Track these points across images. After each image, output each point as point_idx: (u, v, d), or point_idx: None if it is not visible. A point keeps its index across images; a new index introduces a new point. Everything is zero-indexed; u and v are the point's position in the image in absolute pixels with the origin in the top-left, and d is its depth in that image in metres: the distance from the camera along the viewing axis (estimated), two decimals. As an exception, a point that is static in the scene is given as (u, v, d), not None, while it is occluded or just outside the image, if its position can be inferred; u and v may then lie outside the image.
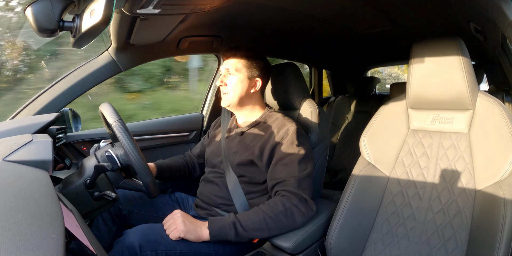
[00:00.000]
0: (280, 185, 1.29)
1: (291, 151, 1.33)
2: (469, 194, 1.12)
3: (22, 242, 0.40)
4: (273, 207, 1.24)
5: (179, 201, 1.62)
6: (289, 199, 1.25)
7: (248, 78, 1.47)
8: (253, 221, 1.22)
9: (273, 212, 1.22)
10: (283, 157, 1.33)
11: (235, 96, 1.46)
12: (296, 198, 1.25)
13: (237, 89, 1.46)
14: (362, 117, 2.97)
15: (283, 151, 1.33)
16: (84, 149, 1.72)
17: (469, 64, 1.14)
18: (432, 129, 1.27)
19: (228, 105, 1.50)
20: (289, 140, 1.35)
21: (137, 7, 1.12)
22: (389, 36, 2.16)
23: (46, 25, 0.74)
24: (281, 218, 1.22)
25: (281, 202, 1.24)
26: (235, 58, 1.47)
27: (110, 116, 1.14)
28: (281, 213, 1.22)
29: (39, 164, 0.76)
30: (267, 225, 1.21)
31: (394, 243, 1.22)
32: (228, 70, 1.47)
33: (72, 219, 0.68)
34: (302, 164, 1.31)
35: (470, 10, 1.43)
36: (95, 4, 0.74)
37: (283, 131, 1.38)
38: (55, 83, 1.52)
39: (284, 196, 1.26)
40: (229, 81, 1.47)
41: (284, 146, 1.34)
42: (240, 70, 1.46)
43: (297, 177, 1.28)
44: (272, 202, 1.26)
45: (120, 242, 1.15)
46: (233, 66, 1.47)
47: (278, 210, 1.22)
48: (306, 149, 1.35)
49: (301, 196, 1.26)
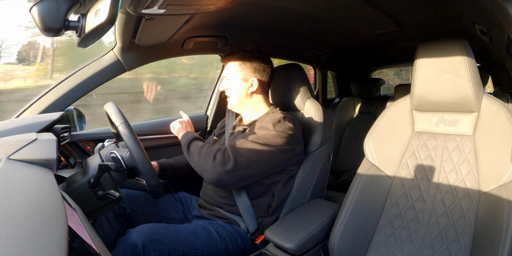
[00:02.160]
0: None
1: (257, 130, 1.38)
2: (473, 197, 1.12)
3: (25, 240, 0.40)
4: (212, 147, 1.33)
5: (183, 201, 1.62)
6: (222, 151, 1.29)
7: (243, 80, 1.50)
8: (195, 147, 1.35)
9: (207, 148, 1.32)
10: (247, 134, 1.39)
11: (234, 98, 1.52)
12: (223, 153, 1.29)
13: (235, 92, 1.51)
14: (366, 118, 2.96)
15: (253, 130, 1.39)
16: (88, 148, 1.73)
17: (474, 66, 1.14)
18: (436, 131, 1.26)
19: (231, 108, 1.56)
20: (265, 122, 1.39)
21: (142, 7, 1.12)
22: (394, 37, 2.16)
23: (51, 25, 0.75)
24: (203, 156, 1.31)
25: (217, 149, 1.31)
26: (230, 62, 1.52)
27: (116, 117, 1.14)
28: (207, 153, 1.30)
29: (44, 163, 0.76)
30: (194, 155, 1.34)
31: (397, 245, 1.21)
32: (225, 75, 1.53)
33: (76, 218, 0.68)
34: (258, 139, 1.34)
35: (475, 12, 1.43)
36: (100, 3, 0.74)
37: (268, 118, 1.42)
38: (60, 82, 1.53)
39: (222, 148, 1.32)
40: (227, 85, 1.52)
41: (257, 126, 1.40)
42: (234, 74, 1.50)
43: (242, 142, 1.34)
44: (216, 146, 1.36)
45: (123, 241, 1.16)
46: (228, 71, 1.52)
47: (210, 150, 1.31)
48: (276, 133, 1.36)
49: (228, 155, 1.28)
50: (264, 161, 1.32)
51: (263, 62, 1.53)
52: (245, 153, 1.29)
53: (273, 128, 1.35)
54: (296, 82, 1.65)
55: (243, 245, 1.36)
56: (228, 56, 1.52)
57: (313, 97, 1.67)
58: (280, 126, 1.37)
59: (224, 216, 1.42)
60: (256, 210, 1.40)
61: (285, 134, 1.36)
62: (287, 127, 1.38)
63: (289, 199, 1.47)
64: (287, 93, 1.67)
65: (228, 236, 1.34)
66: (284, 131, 1.36)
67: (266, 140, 1.32)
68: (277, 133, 1.34)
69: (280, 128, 1.36)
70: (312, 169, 1.52)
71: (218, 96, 2.23)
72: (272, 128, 1.35)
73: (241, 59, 1.50)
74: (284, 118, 1.41)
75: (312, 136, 1.54)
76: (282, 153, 1.36)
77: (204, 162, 1.28)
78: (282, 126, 1.37)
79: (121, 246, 1.14)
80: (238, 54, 1.51)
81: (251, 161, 1.29)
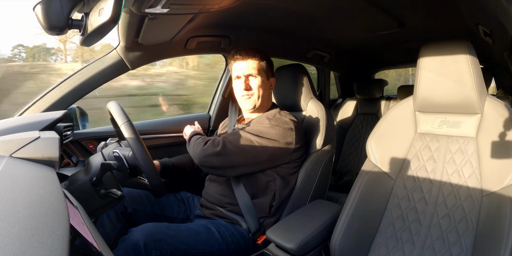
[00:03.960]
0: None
1: (253, 124, 1.40)
2: (475, 199, 1.11)
3: (27, 238, 0.40)
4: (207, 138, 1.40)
5: (185, 200, 1.62)
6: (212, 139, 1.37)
7: (268, 79, 1.50)
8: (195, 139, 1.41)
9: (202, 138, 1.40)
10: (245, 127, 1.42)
11: (260, 97, 1.49)
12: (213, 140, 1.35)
13: (261, 91, 1.48)
14: (369, 119, 2.96)
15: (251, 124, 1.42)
16: (91, 147, 1.73)
17: (477, 67, 1.13)
18: (439, 132, 1.26)
19: (253, 107, 1.51)
20: (261, 117, 1.41)
21: (145, 6, 1.13)
22: (397, 38, 2.15)
23: (55, 23, 0.75)
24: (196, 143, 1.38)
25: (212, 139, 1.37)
26: (254, 59, 1.48)
27: (119, 117, 1.14)
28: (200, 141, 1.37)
29: (46, 161, 0.76)
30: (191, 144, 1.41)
31: (398, 247, 1.21)
32: (251, 72, 1.48)
33: (78, 216, 0.68)
34: (251, 130, 1.36)
35: (479, 13, 1.42)
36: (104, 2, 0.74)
37: (267, 114, 1.44)
38: (63, 81, 1.53)
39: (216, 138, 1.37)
40: (253, 83, 1.48)
41: (255, 119, 1.43)
42: (261, 72, 1.48)
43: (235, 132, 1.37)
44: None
45: (125, 240, 1.16)
46: (253, 68, 1.48)
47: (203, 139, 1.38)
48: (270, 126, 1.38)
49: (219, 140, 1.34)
50: (255, 151, 1.34)
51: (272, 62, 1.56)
52: (235, 141, 1.33)
53: (268, 122, 1.38)
54: (299, 82, 1.65)
55: (244, 245, 1.36)
56: (252, 52, 1.49)
57: (316, 98, 1.67)
58: (276, 120, 1.39)
59: (226, 216, 1.42)
60: (258, 210, 1.40)
61: (280, 127, 1.37)
62: (283, 121, 1.40)
63: (291, 199, 1.47)
64: (290, 93, 1.67)
65: (229, 236, 1.34)
66: (279, 124, 1.38)
67: (259, 132, 1.35)
68: (271, 125, 1.36)
69: (275, 122, 1.38)
70: (314, 170, 1.52)
71: (220, 96, 2.23)
72: (268, 122, 1.37)
73: (263, 58, 1.50)
74: (279, 113, 1.43)
75: (315, 137, 1.54)
76: (275, 145, 1.36)
77: (196, 147, 1.35)
78: (278, 120, 1.39)
79: (123, 245, 1.15)
80: (259, 52, 1.50)
81: (240, 148, 1.32)
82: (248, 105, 1.50)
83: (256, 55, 1.49)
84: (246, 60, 1.49)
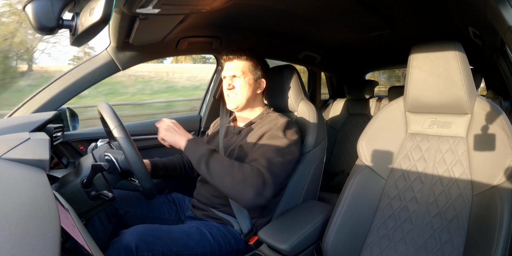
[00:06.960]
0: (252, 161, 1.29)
1: (273, 140, 1.35)
2: (466, 198, 1.13)
3: (17, 241, 0.39)
4: (242, 168, 1.23)
5: (176, 202, 1.61)
6: (256, 173, 1.22)
7: (254, 80, 1.50)
8: (220, 165, 1.23)
9: (238, 171, 1.21)
10: (264, 144, 1.35)
11: (243, 98, 1.49)
12: (260, 177, 1.22)
13: (245, 92, 1.49)
14: (360, 120, 2.97)
15: (265, 139, 1.36)
16: (81, 148, 1.72)
17: (467, 68, 1.14)
18: (429, 133, 1.27)
19: (236, 108, 1.52)
20: (274, 130, 1.37)
21: (136, 6, 1.12)
22: (388, 39, 2.17)
23: (45, 23, 0.74)
24: (238, 182, 1.19)
25: (251, 170, 1.22)
26: (240, 60, 1.50)
27: (111, 120, 1.13)
28: (242, 178, 1.20)
29: (36, 163, 0.75)
30: (224, 178, 1.21)
31: (390, 246, 1.21)
32: (235, 73, 1.49)
33: (69, 218, 0.68)
34: (279, 152, 1.32)
35: (469, 15, 1.44)
36: (94, 2, 0.74)
37: (273, 123, 1.41)
38: (53, 81, 1.52)
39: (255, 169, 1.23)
40: (236, 83, 1.49)
41: (268, 134, 1.37)
42: (246, 73, 1.49)
43: (269, 158, 1.28)
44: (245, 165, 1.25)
45: (116, 242, 1.15)
46: (239, 69, 1.49)
47: (243, 174, 1.21)
48: (289, 141, 1.36)
49: (266, 178, 1.22)
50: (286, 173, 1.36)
51: (267, 63, 1.56)
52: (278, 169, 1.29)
53: (284, 135, 1.36)
54: (290, 83, 1.65)
55: (236, 246, 1.36)
56: (239, 53, 1.50)
57: (307, 99, 1.67)
58: (290, 133, 1.39)
59: (218, 217, 1.41)
60: (250, 210, 1.40)
61: (295, 141, 1.39)
62: (294, 132, 1.41)
63: (283, 200, 1.47)
64: (281, 94, 1.67)
65: (221, 237, 1.34)
66: (294, 137, 1.39)
67: (285, 151, 1.34)
68: (290, 140, 1.36)
69: (290, 135, 1.38)
70: (306, 170, 1.52)
71: (211, 97, 2.23)
72: (283, 136, 1.36)
73: (252, 58, 1.51)
74: (289, 122, 1.42)
75: (306, 137, 1.54)
76: (294, 159, 1.40)
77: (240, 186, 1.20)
78: (290, 131, 1.40)
79: (114, 247, 1.14)
80: (248, 52, 1.51)
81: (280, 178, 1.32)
82: (231, 105, 1.52)
83: (243, 56, 1.50)
84: (232, 61, 1.51)
